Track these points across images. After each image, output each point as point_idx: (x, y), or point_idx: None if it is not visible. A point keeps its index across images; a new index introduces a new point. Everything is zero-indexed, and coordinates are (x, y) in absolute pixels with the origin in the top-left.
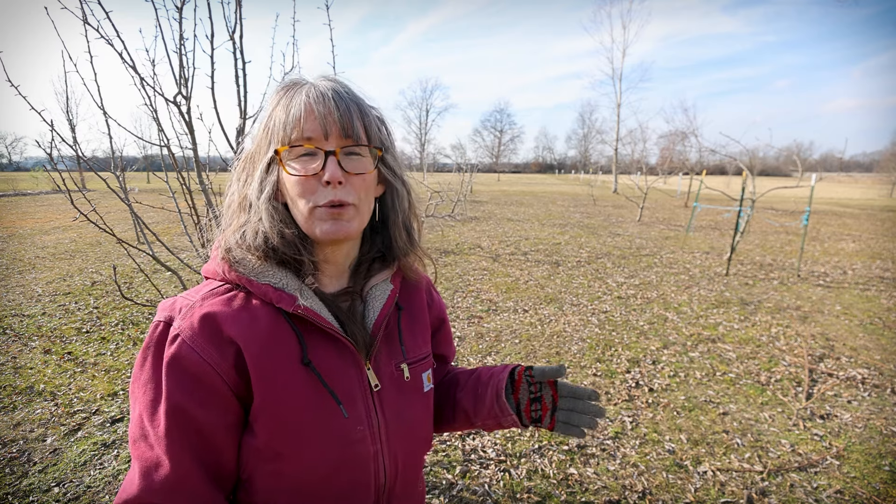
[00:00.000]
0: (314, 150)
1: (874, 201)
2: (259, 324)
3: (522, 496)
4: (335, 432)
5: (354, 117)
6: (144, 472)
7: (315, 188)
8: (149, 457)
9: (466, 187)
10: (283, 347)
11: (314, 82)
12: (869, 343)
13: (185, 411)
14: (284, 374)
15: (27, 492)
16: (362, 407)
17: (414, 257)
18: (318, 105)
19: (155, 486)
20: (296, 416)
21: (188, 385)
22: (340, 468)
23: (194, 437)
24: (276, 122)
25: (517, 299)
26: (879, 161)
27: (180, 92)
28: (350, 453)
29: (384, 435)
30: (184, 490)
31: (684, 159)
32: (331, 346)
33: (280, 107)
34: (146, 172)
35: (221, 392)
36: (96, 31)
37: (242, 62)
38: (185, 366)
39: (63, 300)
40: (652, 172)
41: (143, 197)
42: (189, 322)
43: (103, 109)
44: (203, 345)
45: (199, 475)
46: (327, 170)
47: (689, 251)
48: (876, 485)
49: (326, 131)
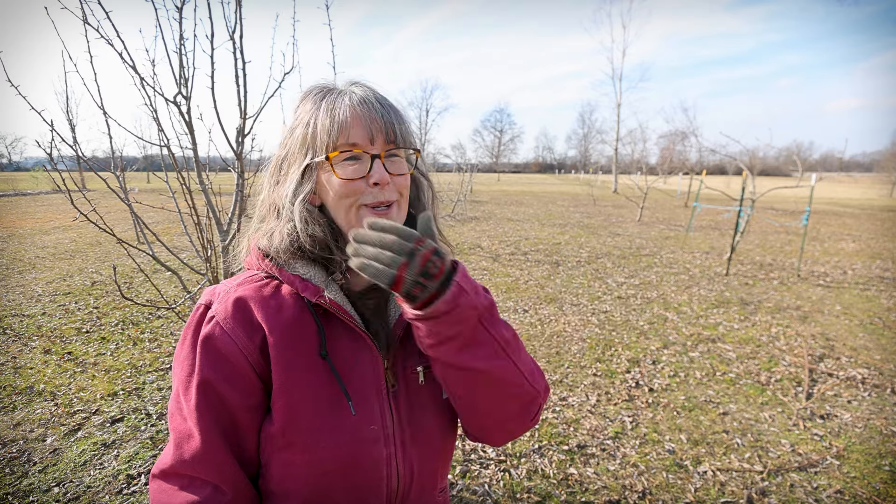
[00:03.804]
0: (361, 154)
1: (874, 201)
2: (284, 312)
3: (522, 496)
4: (346, 428)
5: (395, 123)
6: (177, 443)
7: (361, 189)
8: (182, 429)
9: (466, 187)
10: (305, 337)
11: (347, 88)
12: (869, 343)
13: (213, 387)
14: (302, 364)
15: (27, 492)
16: (376, 406)
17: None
18: (363, 111)
19: (185, 457)
20: (308, 406)
21: (218, 363)
22: (351, 466)
23: (221, 413)
24: (319, 128)
25: (517, 299)
26: (879, 161)
27: (180, 92)
28: (362, 452)
29: (398, 438)
30: (211, 462)
31: (684, 159)
32: (351, 341)
33: (323, 113)
34: (146, 172)
35: (246, 374)
36: (96, 31)
37: (242, 62)
38: (216, 345)
39: (63, 300)
40: (652, 172)
41: (143, 197)
42: (224, 306)
43: (103, 109)
44: (234, 327)
45: (224, 450)
46: (375, 172)
47: (689, 251)
48: (876, 485)
49: (372, 136)
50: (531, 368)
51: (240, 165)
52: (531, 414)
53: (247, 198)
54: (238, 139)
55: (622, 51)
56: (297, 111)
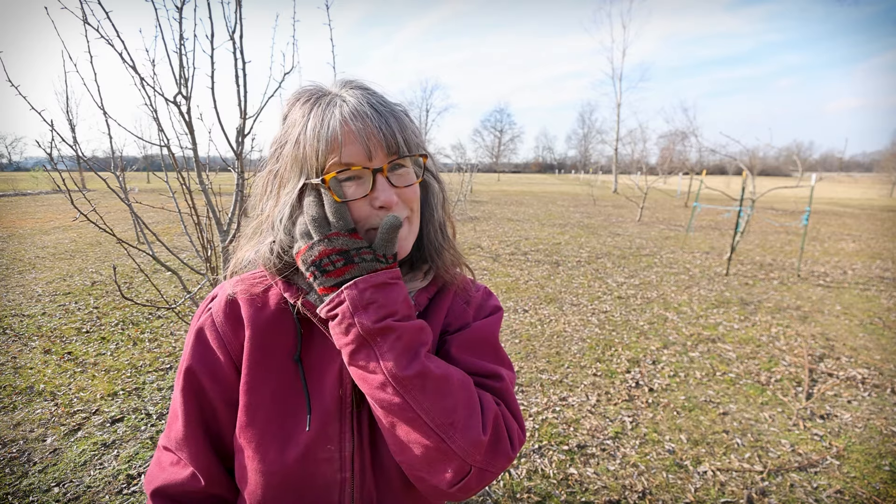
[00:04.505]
0: (360, 171)
1: (874, 201)
2: (266, 310)
3: (522, 496)
4: (298, 443)
5: (396, 132)
6: (170, 421)
7: (367, 212)
8: (173, 409)
9: (466, 187)
10: (280, 339)
11: (341, 93)
12: (869, 343)
13: (197, 377)
14: (271, 365)
15: (27, 492)
16: (336, 426)
17: (449, 256)
18: (356, 125)
19: (172, 436)
20: (265, 410)
21: (204, 355)
22: (300, 485)
23: (203, 403)
24: (309, 150)
25: (517, 299)
26: (879, 161)
27: (180, 92)
28: (314, 473)
29: (357, 463)
30: (191, 448)
31: (684, 159)
32: (326, 352)
33: (311, 131)
34: (146, 172)
35: (228, 369)
36: (96, 31)
37: (242, 62)
38: (205, 338)
39: (63, 300)
40: (652, 172)
41: (143, 197)
42: (220, 300)
43: (103, 109)
44: (223, 322)
45: (203, 440)
46: (379, 192)
47: (689, 251)
48: (876, 485)
49: (370, 153)
50: (450, 423)
51: (240, 165)
52: (444, 475)
53: (247, 198)
54: (238, 139)
55: (622, 51)
56: (287, 118)
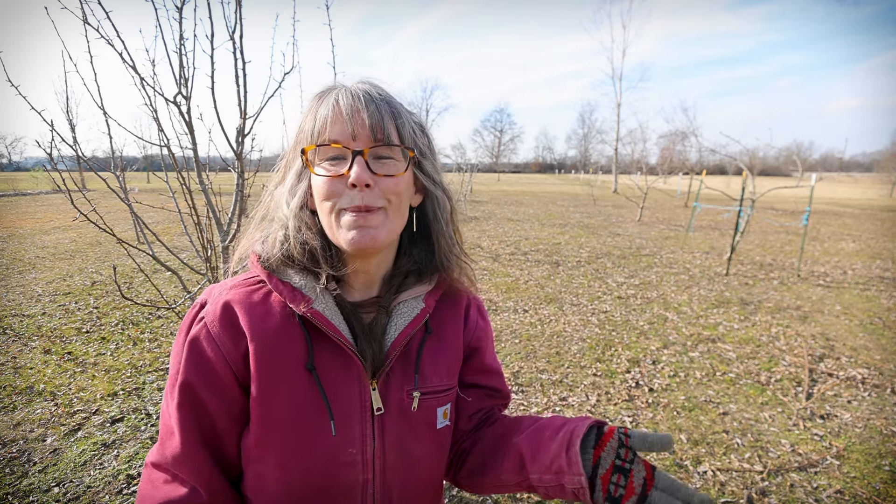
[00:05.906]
0: (341, 149)
1: (874, 201)
2: (269, 320)
3: (522, 496)
4: (322, 448)
5: (385, 117)
6: (162, 438)
7: (341, 191)
8: (167, 425)
9: (466, 187)
10: (289, 348)
11: (348, 85)
12: (869, 343)
13: (195, 391)
14: (283, 375)
15: (27, 492)
16: (358, 429)
17: (458, 270)
18: (346, 106)
19: (167, 454)
20: (284, 421)
21: (201, 367)
22: (323, 489)
23: (202, 416)
24: (306, 127)
25: (517, 299)
26: (879, 161)
27: (180, 92)
28: (336, 476)
29: (379, 465)
30: (190, 464)
31: (684, 159)
32: (338, 357)
33: (311, 111)
34: (146, 172)
35: (228, 380)
36: (96, 31)
37: (242, 62)
38: (201, 349)
39: (63, 300)
40: (652, 172)
41: (143, 197)
42: (213, 308)
43: (103, 109)
44: (220, 332)
45: (203, 453)
46: (353, 171)
47: (689, 251)
48: (876, 485)
49: (354, 132)
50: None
51: (240, 165)
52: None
53: (247, 198)
54: (238, 139)
55: (622, 51)
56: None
